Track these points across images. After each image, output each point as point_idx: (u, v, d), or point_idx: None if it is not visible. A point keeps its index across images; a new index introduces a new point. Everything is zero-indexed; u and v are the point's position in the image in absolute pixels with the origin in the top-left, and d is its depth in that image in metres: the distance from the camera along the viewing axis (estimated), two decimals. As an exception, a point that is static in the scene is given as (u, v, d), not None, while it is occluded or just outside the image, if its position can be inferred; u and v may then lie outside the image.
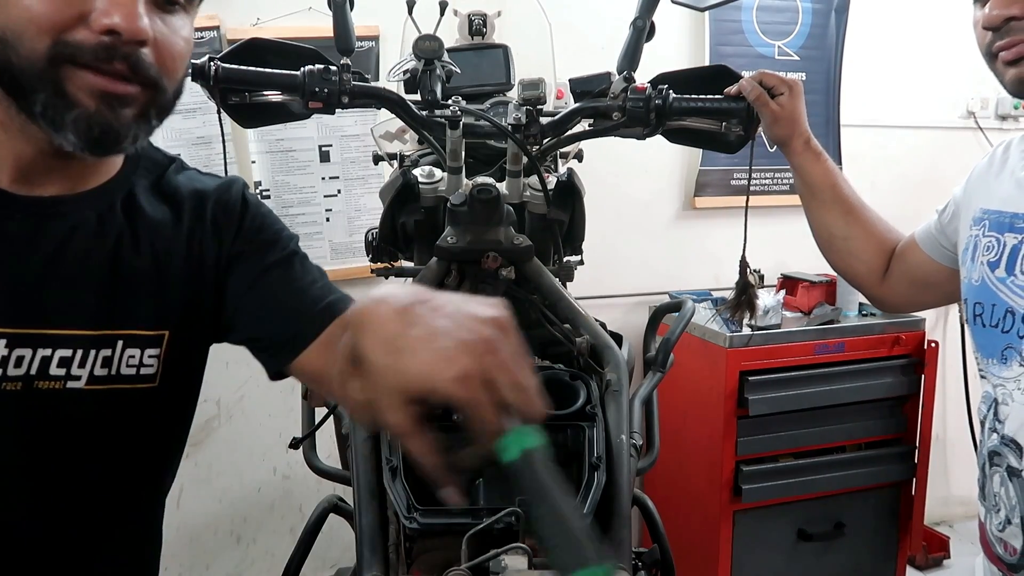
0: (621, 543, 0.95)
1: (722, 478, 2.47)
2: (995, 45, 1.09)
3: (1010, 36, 1.07)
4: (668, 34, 2.68)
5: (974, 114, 3.18)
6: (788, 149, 1.33)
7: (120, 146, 0.78)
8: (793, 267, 2.77)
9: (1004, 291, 1.12)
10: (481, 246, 1.17)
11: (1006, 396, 1.11)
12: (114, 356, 0.84)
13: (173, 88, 0.80)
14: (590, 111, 1.28)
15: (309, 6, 1.65)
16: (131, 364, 0.85)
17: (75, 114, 0.73)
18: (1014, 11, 1.05)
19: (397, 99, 1.25)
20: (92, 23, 0.71)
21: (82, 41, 0.72)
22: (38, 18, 0.70)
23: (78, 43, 0.71)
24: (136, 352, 0.86)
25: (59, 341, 0.81)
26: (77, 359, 0.82)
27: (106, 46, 0.72)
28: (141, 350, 0.86)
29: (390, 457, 0.96)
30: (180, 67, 0.80)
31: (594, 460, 0.97)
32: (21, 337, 0.79)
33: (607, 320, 1.25)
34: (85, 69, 0.73)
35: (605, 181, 2.44)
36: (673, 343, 1.26)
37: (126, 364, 0.85)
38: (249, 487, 2.58)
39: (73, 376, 0.82)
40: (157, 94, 0.77)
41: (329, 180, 2.50)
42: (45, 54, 0.71)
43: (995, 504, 1.14)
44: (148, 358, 0.87)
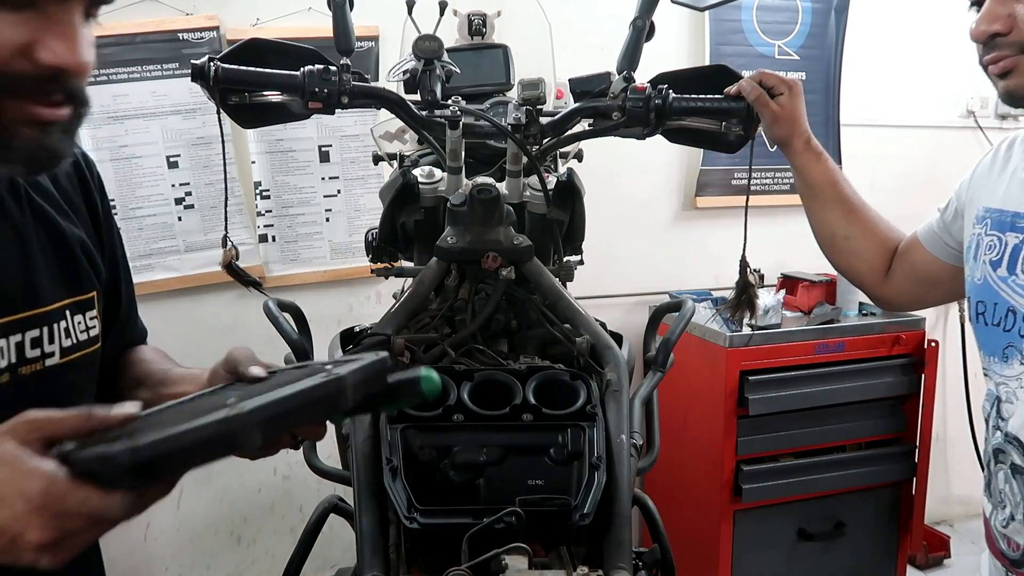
0: (621, 543, 0.95)
1: (722, 478, 2.47)
2: (983, 58, 1.11)
3: (996, 51, 1.08)
4: (668, 34, 2.68)
5: (974, 113, 3.18)
6: (788, 149, 1.33)
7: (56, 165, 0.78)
8: (793, 267, 2.77)
9: (1006, 290, 1.12)
10: (481, 246, 1.17)
11: (1010, 394, 1.12)
12: (70, 326, 0.88)
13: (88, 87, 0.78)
14: (590, 111, 1.28)
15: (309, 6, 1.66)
16: (82, 330, 0.90)
17: (17, 146, 0.72)
18: (997, 27, 1.07)
19: (397, 99, 1.25)
20: (36, 58, 0.69)
21: (23, 74, 0.69)
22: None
23: (17, 74, 0.69)
24: (81, 317, 0.90)
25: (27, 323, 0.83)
26: (46, 336, 0.85)
27: (49, 78, 0.70)
28: (83, 314, 0.90)
29: (390, 457, 0.96)
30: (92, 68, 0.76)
31: (594, 460, 0.97)
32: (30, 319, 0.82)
33: (607, 320, 1.25)
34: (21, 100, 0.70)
35: (605, 181, 2.43)
36: (673, 343, 1.25)
37: (79, 331, 0.89)
38: (249, 487, 2.58)
39: (47, 353, 0.85)
40: (83, 108, 0.76)
41: (329, 180, 2.50)
42: None
43: (1000, 500, 1.14)
44: (91, 320, 0.91)
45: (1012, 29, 1.06)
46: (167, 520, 2.46)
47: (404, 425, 0.99)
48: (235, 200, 2.35)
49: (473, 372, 1.08)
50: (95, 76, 2.20)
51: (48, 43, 0.69)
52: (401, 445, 0.97)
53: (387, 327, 1.14)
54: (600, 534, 0.96)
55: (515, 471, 0.98)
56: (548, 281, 1.21)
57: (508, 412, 1.02)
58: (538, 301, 1.23)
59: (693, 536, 2.58)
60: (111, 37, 2.20)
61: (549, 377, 1.07)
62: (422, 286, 1.20)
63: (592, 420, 1.01)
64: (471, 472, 0.98)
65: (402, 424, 0.99)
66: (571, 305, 1.20)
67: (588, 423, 1.01)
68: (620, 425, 1.04)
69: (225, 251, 1.31)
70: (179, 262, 2.36)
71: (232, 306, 2.42)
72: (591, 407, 1.03)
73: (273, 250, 2.47)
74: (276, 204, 2.45)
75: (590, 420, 1.01)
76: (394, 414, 1.00)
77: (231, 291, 2.39)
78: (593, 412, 1.02)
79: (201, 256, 2.35)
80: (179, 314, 2.38)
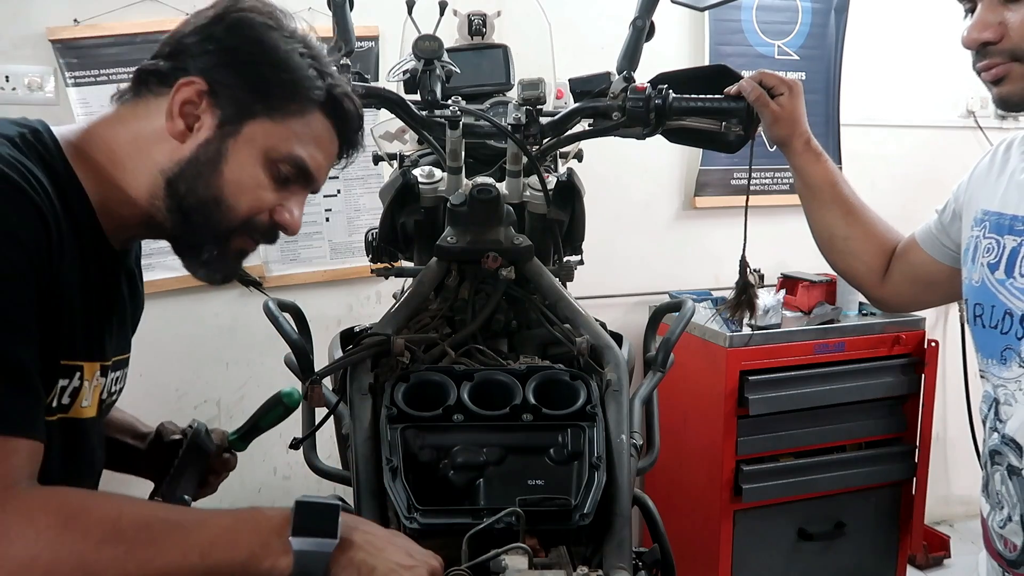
0: (621, 543, 0.96)
1: (722, 478, 2.47)
2: (976, 65, 1.11)
3: (987, 59, 1.09)
4: (668, 34, 2.68)
5: (974, 113, 3.18)
6: (788, 149, 1.33)
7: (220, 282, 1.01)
8: (793, 267, 2.77)
9: (1003, 293, 1.12)
10: (481, 246, 1.17)
11: (1008, 397, 1.11)
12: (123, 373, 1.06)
13: None
14: (590, 111, 1.28)
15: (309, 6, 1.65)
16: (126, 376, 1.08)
17: (224, 263, 0.97)
18: (988, 36, 1.07)
19: (397, 99, 1.25)
20: (276, 215, 0.95)
21: (261, 221, 0.96)
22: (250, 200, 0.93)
23: (258, 222, 0.95)
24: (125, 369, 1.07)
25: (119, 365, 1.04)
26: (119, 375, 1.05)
27: (273, 231, 0.97)
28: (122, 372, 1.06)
29: (390, 457, 0.96)
30: None
31: (594, 460, 0.97)
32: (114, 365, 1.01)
33: (607, 320, 1.25)
34: (245, 237, 0.96)
35: (605, 181, 2.43)
36: (673, 343, 1.25)
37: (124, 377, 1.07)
38: (249, 487, 2.57)
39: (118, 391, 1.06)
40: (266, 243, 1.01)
41: (329, 180, 2.48)
42: (237, 225, 0.94)
43: (998, 502, 1.14)
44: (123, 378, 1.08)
45: (1003, 37, 1.06)
46: (167, 520, 2.46)
47: (404, 425, 0.99)
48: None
49: (473, 372, 1.08)
50: (95, 76, 2.21)
51: (287, 209, 0.96)
52: (401, 445, 0.97)
53: (387, 327, 1.14)
54: (600, 534, 0.96)
55: (515, 471, 0.99)
56: (548, 281, 1.21)
57: (508, 412, 1.02)
58: (538, 301, 1.23)
59: (693, 536, 2.58)
60: (111, 37, 2.20)
61: (549, 377, 1.07)
62: (422, 286, 1.20)
63: (592, 420, 1.01)
64: (471, 472, 0.98)
65: (402, 424, 1.00)
66: (571, 305, 1.20)
67: (588, 423, 1.01)
68: (620, 425, 1.04)
69: (225, 251, 1.31)
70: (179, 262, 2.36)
71: (232, 306, 2.42)
72: (591, 407, 1.03)
73: (273, 250, 2.47)
74: (276, 204, 2.45)
75: (590, 420, 1.01)
76: (395, 414, 1.00)
77: (231, 291, 2.39)
78: (593, 412, 1.02)
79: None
80: (179, 314, 2.38)
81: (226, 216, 0.93)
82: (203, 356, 2.43)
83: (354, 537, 0.83)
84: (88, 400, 0.94)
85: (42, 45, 2.16)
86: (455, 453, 0.98)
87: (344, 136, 1.01)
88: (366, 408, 1.05)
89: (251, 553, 0.80)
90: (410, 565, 0.83)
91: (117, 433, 1.16)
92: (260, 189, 0.93)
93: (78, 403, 0.92)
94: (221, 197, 0.92)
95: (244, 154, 0.92)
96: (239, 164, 0.92)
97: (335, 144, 1.00)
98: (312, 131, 0.95)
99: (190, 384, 2.45)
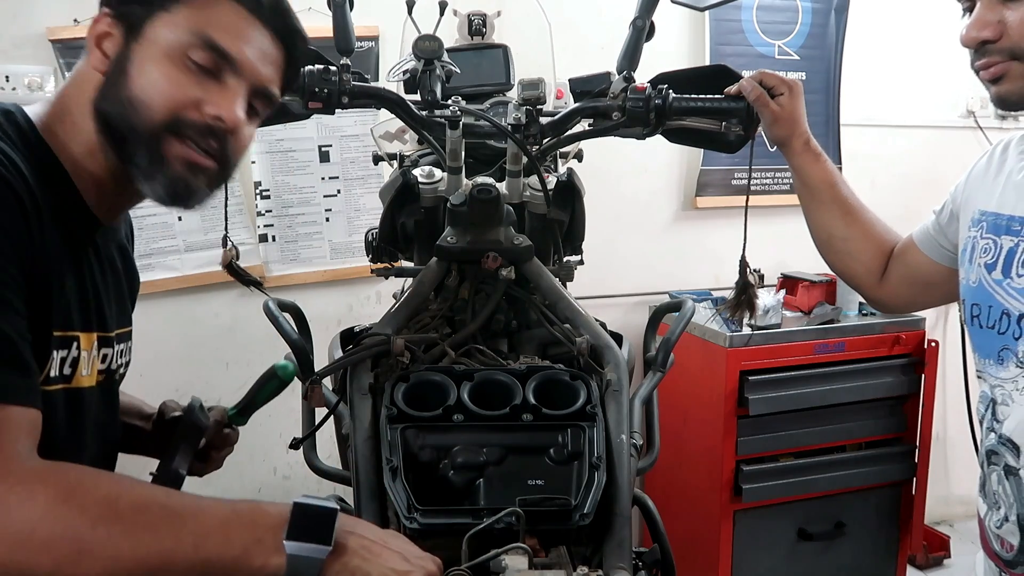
0: (621, 543, 0.96)
1: (722, 478, 2.47)
2: (974, 64, 1.11)
3: (986, 57, 1.08)
4: (668, 34, 2.68)
5: (974, 113, 3.17)
6: (788, 149, 1.33)
7: (190, 205, 0.97)
8: (793, 267, 2.77)
9: (1000, 293, 1.12)
10: (481, 246, 1.17)
11: (1006, 397, 1.11)
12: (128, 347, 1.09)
13: (234, 170, 1.00)
14: (590, 111, 1.28)
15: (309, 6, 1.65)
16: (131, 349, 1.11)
17: (166, 172, 0.92)
18: (986, 34, 1.07)
19: (397, 99, 1.25)
20: (205, 108, 0.91)
21: (192, 119, 0.91)
22: (165, 95, 0.90)
23: (189, 120, 0.91)
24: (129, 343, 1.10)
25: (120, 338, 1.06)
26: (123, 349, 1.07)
27: (210, 127, 0.92)
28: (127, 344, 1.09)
29: (390, 457, 0.96)
30: (243, 156, 1.00)
31: (594, 460, 0.97)
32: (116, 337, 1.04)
33: (607, 320, 1.25)
34: (181, 141, 0.92)
35: (605, 181, 2.43)
36: (673, 343, 1.26)
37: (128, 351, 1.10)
38: (249, 487, 2.57)
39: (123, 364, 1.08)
40: (225, 171, 0.98)
41: (329, 180, 2.50)
42: (161, 123, 0.90)
43: (995, 502, 1.14)
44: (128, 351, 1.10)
45: (1002, 35, 1.06)
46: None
47: (404, 425, 0.99)
48: (235, 200, 2.35)
49: (473, 372, 1.08)
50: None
51: (215, 101, 0.91)
52: (401, 445, 0.98)
53: (387, 327, 1.14)
54: (600, 534, 0.97)
55: (515, 471, 0.99)
56: (548, 281, 1.21)
57: (508, 412, 1.02)
58: (538, 301, 1.23)
59: (693, 536, 2.58)
60: (111, 37, 2.19)
61: (549, 377, 1.08)
62: (422, 286, 1.20)
63: (592, 420, 1.01)
64: (471, 472, 0.98)
65: (402, 424, 1.00)
66: (571, 305, 1.20)
67: (588, 423, 1.01)
68: (620, 425, 1.04)
69: (225, 251, 1.31)
70: (179, 262, 2.36)
71: (232, 306, 2.43)
72: (591, 407, 1.03)
73: (273, 250, 2.47)
74: (276, 204, 2.45)
75: (590, 420, 1.01)
76: (395, 414, 1.00)
77: (231, 291, 2.39)
78: (593, 412, 1.02)
79: (201, 256, 2.35)
80: (179, 314, 2.38)
81: (144, 117, 0.90)
82: (203, 356, 2.43)
83: (349, 542, 0.83)
84: (87, 370, 0.96)
85: (42, 45, 2.16)
86: (455, 453, 0.98)
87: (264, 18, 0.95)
88: (366, 408, 1.05)
89: (244, 550, 0.80)
90: (406, 571, 0.83)
91: (124, 416, 1.17)
92: (173, 84, 0.90)
93: (78, 373, 0.94)
94: (135, 99, 0.90)
95: (149, 53, 0.90)
96: (146, 63, 0.90)
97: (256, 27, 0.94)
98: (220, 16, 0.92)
99: (190, 384, 2.45)
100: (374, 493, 0.98)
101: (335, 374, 1.16)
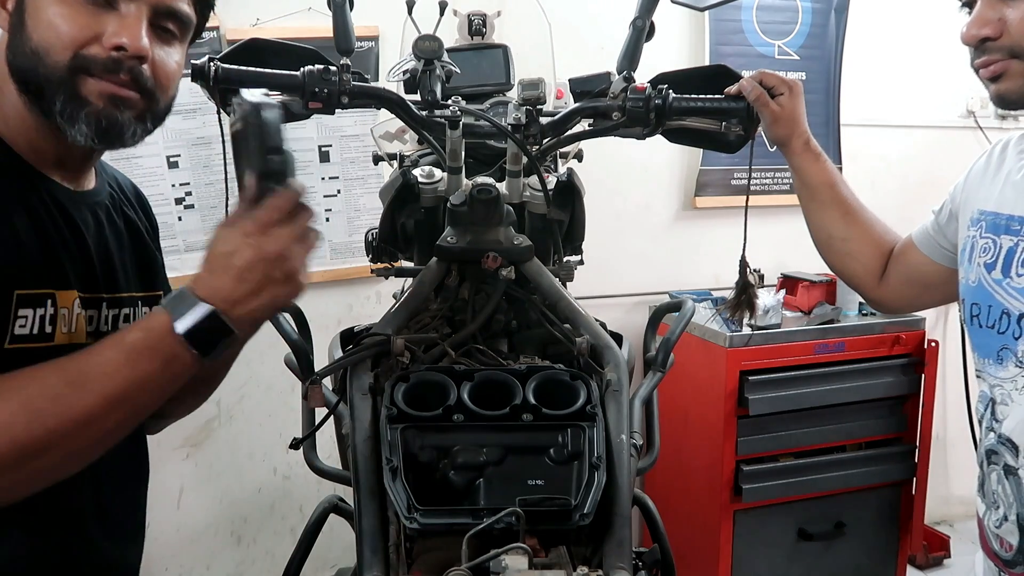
0: (621, 543, 0.95)
1: (722, 478, 2.47)
2: (974, 62, 1.11)
3: (986, 55, 1.08)
4: (668, 34, 2.68)
5: (974, 113, 3.18)
6: (788, 149, 1.33)
7: (123, 139, 0.96)
8: (793, 267, 2.77)
9: (1000, 293, 1.12)
10: (481, 246, 1.17)
11: (1005, 396, 1.12)
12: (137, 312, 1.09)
13: (165, 101, 0.99)
14: (590, 111, 1.28)
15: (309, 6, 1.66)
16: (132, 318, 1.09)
17: (86, 111, 0.91)
18: (987, 32, 1.07)
19: (397, 99, 1.25)
20: (104, 41, 0.90)
21: (95, 55, 0.90)
22: (63, 36, 0.89)
23: (92, 56, 0.90)
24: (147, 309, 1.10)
25: (124, 302, 1.06)
26: (133, 315, 1.07)
27: (114, 60, 0.91)
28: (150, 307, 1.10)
29: (390, 457, 0.96)
30: (171, 84, 0.98)
31: (594, 460, 0.97)
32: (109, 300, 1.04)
33: (607, 320, 1.25)
34: (95, 77, 0.91)
35: (605, 181, 2.44)
36: (673, 343, 1.26)
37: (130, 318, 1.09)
38: (249, 487, 2.58)
39: None
40: (152, 103, 0.96)
41: (329, 180, 2.50)
42: (66, 65, 0.89)
43: (994, 501, 1.14)
44: None
45: (1002, 33, 1.06)
46: (167, 520, 2.46)
47: (404, 425, 0.99)
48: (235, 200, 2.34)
49: (473, 372, 1.08)
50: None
51: (115, 30, 0.90)
52: (401, 445, 0.97)
53: (387, 327, 1.14)
54: (600, 534, 0.96)
55: (515, 471, 0.98)
56: (548, 281, 1.21)
57: (508, 412, 1.02)
58: (538, 301, 1.23)
59: (693, 536, 2.58)
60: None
61: (549, 377, 1.07)
62: (422, 286, 1.20)
63: (592, 420, 1.01)
64: (471, 472, 0.98)
65: (402, 424, 1.00)
66: (571, 305, 1.20)
67: (588, 423, 1.01)
68: (620, 425, 1.04)
69: (225, 251, 1.31)
70: (179, 262, 2.35)
71: (232, 306, 2.42)
72: (591, 407, 1.03)
73: (273, 250, 2.47)
74: (276, 204, 2.45)
75: (590, 420, 1.01)
76: (395, 414, 1.00)
77: (231, 291, 2.39)
78: (593, 412, 1.02)
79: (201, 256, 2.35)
80: (179, 314, 2.37)
81: (49, 60, 0.89)
82: (203, 356, 2.42)
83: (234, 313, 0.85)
84: (70, 327, 0.96)
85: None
86: (455, 453, 0.98)
87: None
88: (366, 408, 1.05)
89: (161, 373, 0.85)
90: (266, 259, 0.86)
91: None
92: (67, 22, 0.89)
93: (58, 330, 0.94)
94: (37, 45, 0.89)
95: None
96: (39, 9, 0.90)
97: None
98: None
99: (190, 384, 2.46)
100: (374, 493, 0.98)
101: (335, 374, 1.15)
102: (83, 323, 0.99)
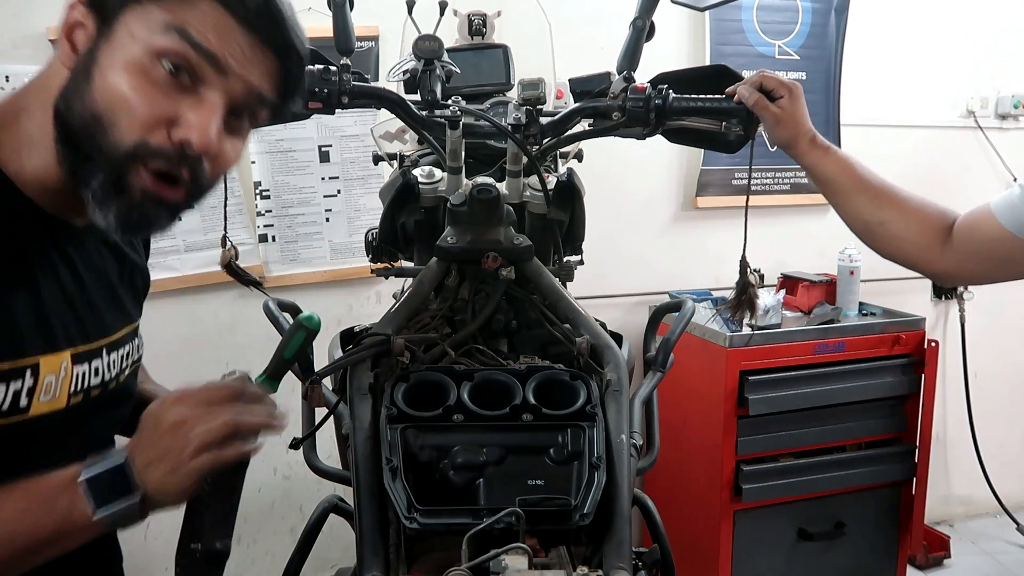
0: (621, 543, 0.95)
1: (722, 478, 2.47)
2: None
3: None
4: (668, 34, 2.68)
5: (974, 113, 3.17)
6: (795, 151, 1.30)
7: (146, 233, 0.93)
8: (793, 267, 2.77)
9: None
10: (481, 246, 1.17)
11: None
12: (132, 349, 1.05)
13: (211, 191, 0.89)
14: (590, 111, 1.28)
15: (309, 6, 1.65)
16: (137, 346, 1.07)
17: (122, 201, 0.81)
18: None
19: (397, 99, 1.25)
20: (173, 134, 0.80)
21: (159, 145, 0.80)
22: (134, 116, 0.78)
23: (155, 147, 0.80)
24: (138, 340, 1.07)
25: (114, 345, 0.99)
26: (124, 353, 1.01)
27: (179, 154, 0.81)
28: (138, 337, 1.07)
29: (390, 457, 0.96)
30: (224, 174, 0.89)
31: (594, 460, 0.97)
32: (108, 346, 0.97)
33: (607, 320, 1.25)
34: (148, 168, 0.81)
35: (605, 181, 2.43)
36: (673, 343, 1.26)
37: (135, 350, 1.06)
38: (249, 487, 2.54)
39: (122, 369, 1.01)
40: (196, 196, 0.87)
41: (329, 180, 2.50)
42: (127, 150, 0.79)
43: None
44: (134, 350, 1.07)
45: None
46: (167, 520, 2.45)
47: (404, 425, 0.99)
48: (235, 200, 2.34)
49: (473, 372, 1.08)
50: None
51: (186, 119, 0.80)
52: (401, 445, 0.97)
53: (387, 327, 1.14)
54: (600, 534, 0.96)
55: (515, 471, 0.98)
56: (548, 281, 1.21)
57: (508, 412, 1.02)
58: (538, 301, 1.23)
59: (693, 536, 2.58)
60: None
61: (549, 377, 1.07)
62: (422, 286, 1.20)
63: (592, 420, 1.01)
64: (471, 472, 0.98)
65: (402, 424, 1.00)
66: (571, 305, 1.20)
67: (588, 423, 1.01)
68: (620, 425, 1.04)
69: (224, 251, 1.31)
70: (179, 262, 2.36)
71: (232, 306, 2.43)
72: (591, 407, 1.03)
73: (273, 250, 2.47)
74: (276, 204, 2.46)
75: (590, 420, 1.01)
76: (395, 414, 1.00)
77: (231, 291, 2.39)
78: (593, 412, 1.02)
79: (201, 256, 2.35)
80: (179, 314, 2.38)
81: (111, 137, 0.78)
82: (203, 356, 2.42)
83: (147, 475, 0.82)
84: (50, 395, 0.88)
85: (42, 45, 2.15)
86: (455, 453, 0.98)
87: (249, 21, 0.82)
88: (366, 408, 1.05)
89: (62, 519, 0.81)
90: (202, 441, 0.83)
91: None
92: (140, 96, 0.78)
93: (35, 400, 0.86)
94: (102, 112, 0.78)
95: (118, 55, 0.78)
96: (114, 67, 0.78)
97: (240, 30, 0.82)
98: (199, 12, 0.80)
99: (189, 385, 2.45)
100: (374, 493, 0.98)
101: (335, 374, 1.15)
102: (67, 387, 0.90)
